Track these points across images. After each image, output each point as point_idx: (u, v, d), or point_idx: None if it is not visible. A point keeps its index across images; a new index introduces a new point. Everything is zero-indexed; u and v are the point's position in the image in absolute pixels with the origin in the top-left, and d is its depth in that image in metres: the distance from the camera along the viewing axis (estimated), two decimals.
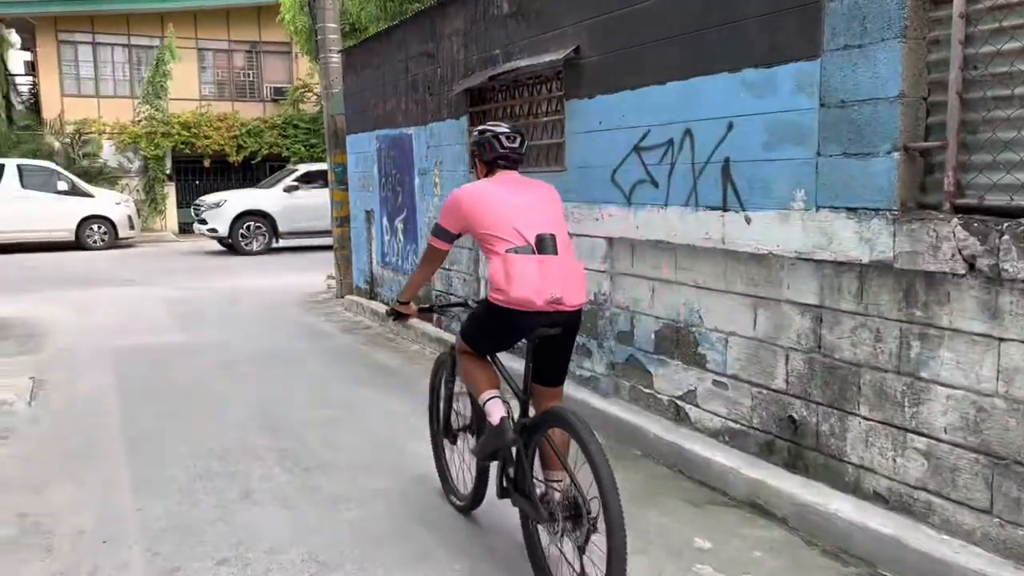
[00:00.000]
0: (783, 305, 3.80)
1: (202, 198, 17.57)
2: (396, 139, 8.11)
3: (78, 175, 19.95)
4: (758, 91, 3.79)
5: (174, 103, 22.34)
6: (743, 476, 3.86)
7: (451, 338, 6.96)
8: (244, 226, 16.56)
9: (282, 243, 16.90)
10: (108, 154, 21.90)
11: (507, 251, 3.04)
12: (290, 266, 13.89)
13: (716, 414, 4.24)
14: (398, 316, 3.74)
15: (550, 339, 3.07)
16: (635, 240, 4.69)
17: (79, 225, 17.68)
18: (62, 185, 17.62)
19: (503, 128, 3.36)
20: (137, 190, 22.29)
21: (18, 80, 26.71)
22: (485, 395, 3.20)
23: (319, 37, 10.69)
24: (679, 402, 4.50)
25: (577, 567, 2.77)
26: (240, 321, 8.92)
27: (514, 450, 3.11)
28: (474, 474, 3.58)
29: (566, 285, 3.03)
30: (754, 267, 3.94)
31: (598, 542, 2.64)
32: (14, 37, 19.48)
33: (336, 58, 10.27)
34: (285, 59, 25.11)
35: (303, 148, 23.30)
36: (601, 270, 4.98)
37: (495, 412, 3.12)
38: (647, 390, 4.74)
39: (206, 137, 22.36)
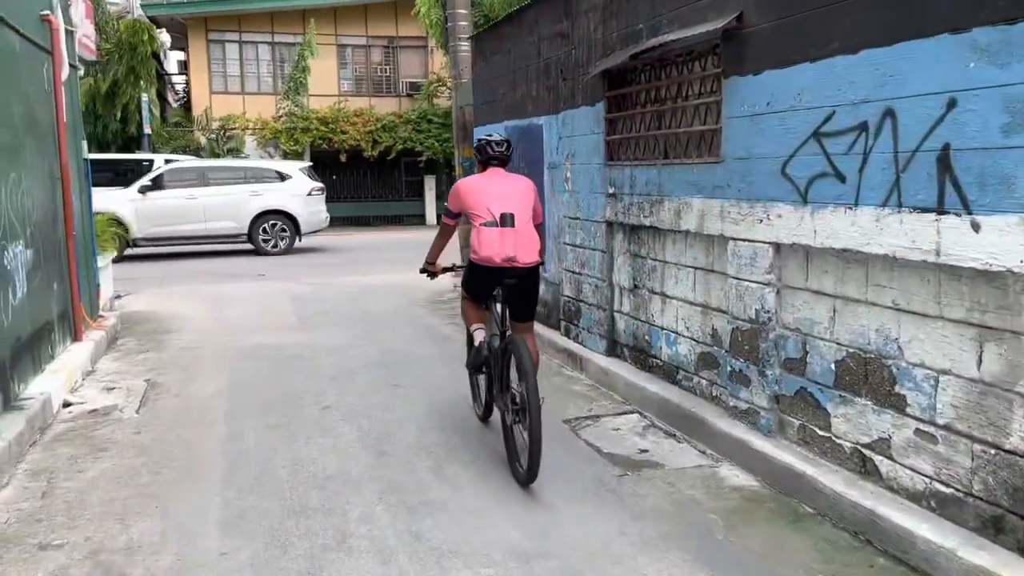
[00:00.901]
0: None
1: None
2: (525, 130, 7.46)
3: None
4: (995, 56, 2.86)
5: (314, 99, 22.76)
6: (961, 561, 2.95)
7: (578, 348, 6.26)
8: None
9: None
10: (251, 149, 22.54)
11: (480, 224, 4.24)
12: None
13: (919, 472, 3.33)
14: (430, 274, 4.93)
15: (512, 287, 4.31)
16: (811, 247, 3.81)
17: None
18: None
19: (496, 137, 4.57)
20: None
21: (175, 79, 28.16)
22: (473, 326, 4.63)
23: (449, 24, 10.23)
24: (866, 451, 3.60)
25: (525, 440, 3.89)
26: (362, 321, 8.56)
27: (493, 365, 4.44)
28: (483, 393, 4.89)
29: (519, 249, 4.19)
30: (982, 287, 3.01)
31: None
32: (165, 36, 20.26)
33: (466, 46, 9.76)
34: (421, 54, 25.14)
35: (436, 143, 23.20)
36: (764, 282, 4.13)
37: (477, 337, 4.55)
38: (823, 432, 3.85)
39: (343, 132, 22.62)
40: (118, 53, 17.94)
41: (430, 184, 24.43)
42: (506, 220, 4.19)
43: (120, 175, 17.61)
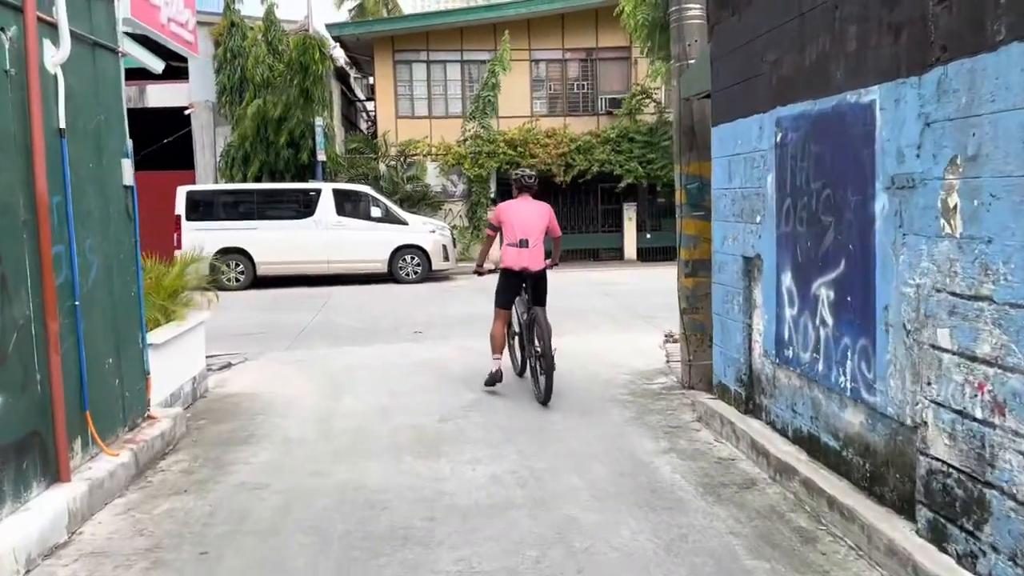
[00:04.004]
0: None
1: None
2: (825, 119, 4.05)
3: (402, 199, 18.52)
4: None
5: (503, 121, 20.27)
6: None
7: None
8: None
9: None
10: (432, 177, 20.38)
11: (507, 244, 6.56)
12: (618, 317, 10.36)
13: None
14: (479, 273, 7.41)
15: (530, 282, 6.59)
16: None
17: (392, 255, 15.94)
18: (376, 211, 16.01)
19: (526, 171, 6.96)
20: (461, 215, 20.52)
21: (368, 105, 26.90)
22: (495, 356, 6.79)
23: None
24: None
25: (541, 379, 6.25)
26: (526, 433, 5.44)
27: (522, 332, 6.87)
28: (519, 356, 7.10)
29: (530, 261, 6.51)
30: None
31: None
32: (338, 52, 18.49)
33: (696, 9, 6.46)
34: (622, 65, 22.06)
35: (638, 165, 19.94)
36: None
37: (496, 364, 6.73)
38: None
39: (532, 156, 19.86)
40: (289, 74, 16.28)
41: (630, 213, 21.12)
42: (523, 243, 6.50)
43: (306, 205, 15.96)
